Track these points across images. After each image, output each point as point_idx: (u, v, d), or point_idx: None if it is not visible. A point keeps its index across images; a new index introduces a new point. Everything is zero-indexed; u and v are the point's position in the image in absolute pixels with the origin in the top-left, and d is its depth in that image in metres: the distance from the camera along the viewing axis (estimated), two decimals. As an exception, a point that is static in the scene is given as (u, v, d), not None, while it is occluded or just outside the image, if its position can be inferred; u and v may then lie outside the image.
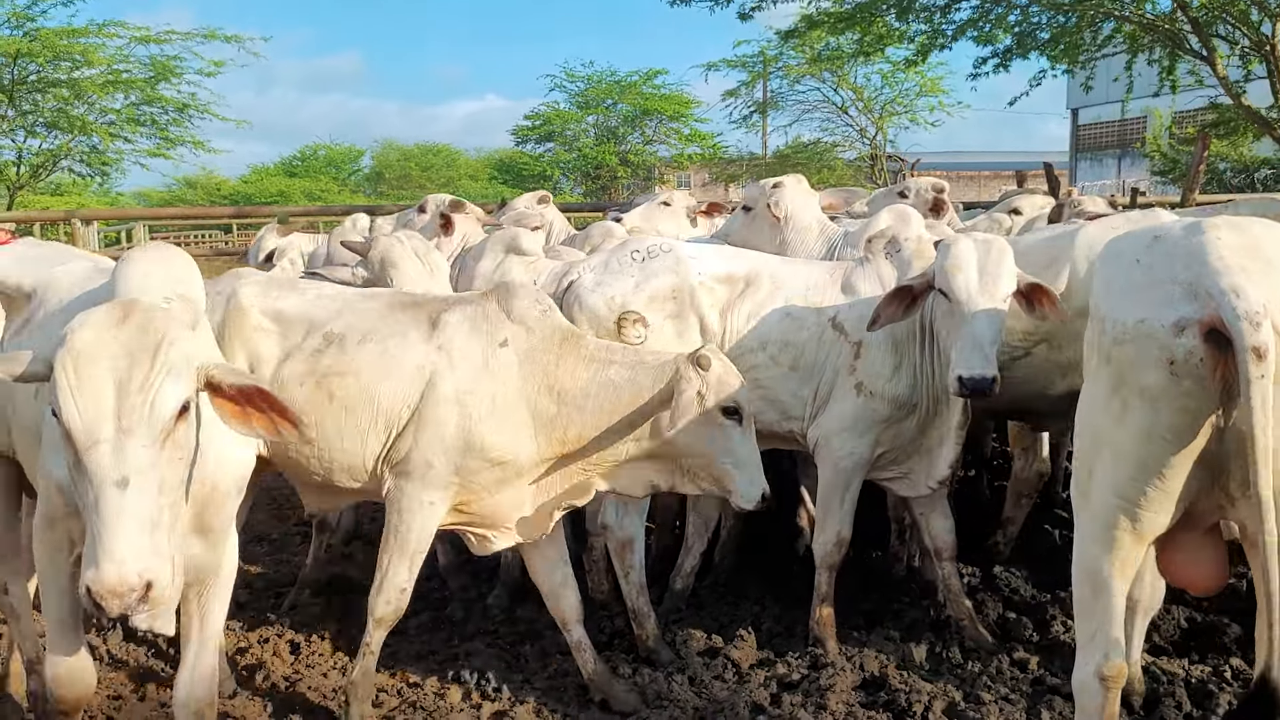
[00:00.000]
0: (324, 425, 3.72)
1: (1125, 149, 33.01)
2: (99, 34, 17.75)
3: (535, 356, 3.75)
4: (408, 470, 3.71)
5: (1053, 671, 4.13)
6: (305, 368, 3.74)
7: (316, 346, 3.77)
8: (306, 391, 3.71)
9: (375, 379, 3.71)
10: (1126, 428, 2.75)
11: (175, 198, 36.83)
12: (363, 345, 3.75)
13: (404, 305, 3.90)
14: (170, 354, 2.43)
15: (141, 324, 2.44)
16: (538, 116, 38.10)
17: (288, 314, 3.85)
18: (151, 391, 2.38)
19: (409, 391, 3.70)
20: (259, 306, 3.85)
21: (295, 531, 6.16)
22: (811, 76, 30.50)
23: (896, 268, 4.44)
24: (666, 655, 4.33)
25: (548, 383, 3.74)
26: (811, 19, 12.48)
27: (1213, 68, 10.62)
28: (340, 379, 3.72)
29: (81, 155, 19.51)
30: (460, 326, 3.77)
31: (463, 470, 3.71)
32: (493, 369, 3.72)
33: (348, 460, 3.76)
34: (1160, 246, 2.82)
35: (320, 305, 3.89)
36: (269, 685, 4.17)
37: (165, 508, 2.40)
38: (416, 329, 3.78)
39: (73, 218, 11.59)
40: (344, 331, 3.79)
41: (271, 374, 3.74)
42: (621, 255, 4.54)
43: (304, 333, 3.80)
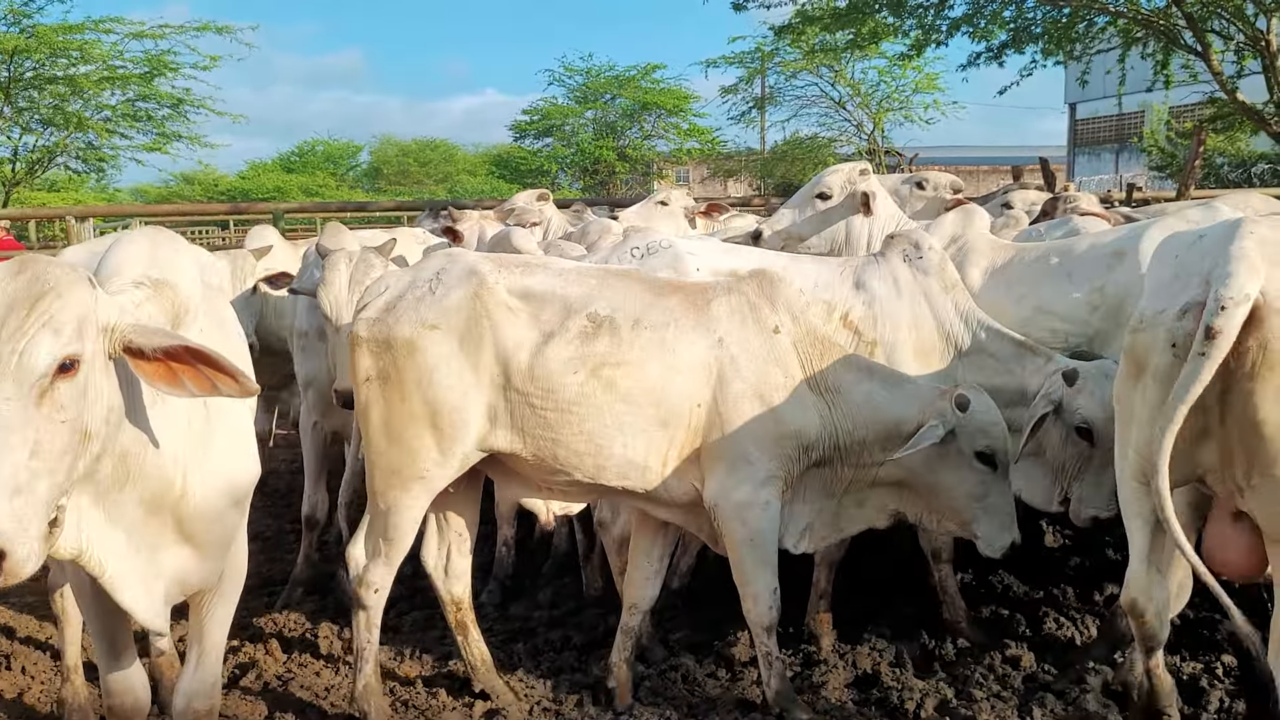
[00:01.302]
0: (602, 418, 3.52)
1: (1123, 144, 32.98)
2: (95, 29, 17.74)
3: (803, 345, 3.70)
4: (734, 478, 3.59)
5: (1045, 669, 4.13)
6: (574, 353, 3.52)
7: (583, 329, 3.54)
8: (580, 380, 3.50)
9: (660, 372, 3.54)
10: (1145, 404, 2.93)
11: (172, 194, 36.71)
12: (637, 332, 3.55)
13: (665, 289, 3.72)
14: (53, 306, 2.22)
15: (33, 277, 2.26)
16: (536, 111, 38.02)
17: (536, 291, 3.59)
18: (22, 340, 2.16)
19: (696, 388, 3.57)
20: (506, 285, 3.59)
21: (289, 529, 6.16)
22: (808, 72, 30.45)
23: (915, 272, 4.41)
24: (659, 652, 4.33)
25: (816, 375, 3.67)
26: (806, 15, 12.47)
27: (1207, 63, 10.62)
28: (619, 369, 3.51)
29: (78, 152, 19.48)
30: (733, 317, 3.65)
31: (783, 460, 3.62)
32: (775, 356, 3.64)
33: (628, 457, 3.57)
34: (1200, 244, 2.95)
35: (571, 282, 3.64)
36: (261, 684, 4.17)
37: (38, 474, 2.15)
38: (687, 318, 3.63)
39: (68, 215, 11.53)
40: (611, 314, 3.56)
41: (531, 358, 3.52)
42: (621, 251, 4.53)
43: (562, 313, 3.56)
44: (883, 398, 3.67)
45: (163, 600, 2.78)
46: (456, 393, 3.54)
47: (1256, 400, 2.69)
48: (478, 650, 4.04)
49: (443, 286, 3.58)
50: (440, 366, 3.53)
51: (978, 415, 3.60)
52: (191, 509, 2.74)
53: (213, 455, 2.77)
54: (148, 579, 2.69)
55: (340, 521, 5.27)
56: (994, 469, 3.64)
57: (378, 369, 3.57)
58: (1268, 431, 2.69)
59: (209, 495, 2.77)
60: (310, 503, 5.32)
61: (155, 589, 2.73)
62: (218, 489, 2.80)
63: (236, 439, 2.90)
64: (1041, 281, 4.55)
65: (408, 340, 3.53)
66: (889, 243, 4.55)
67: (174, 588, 2.84)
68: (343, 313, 4.39)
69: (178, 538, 2.77)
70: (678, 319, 3.61)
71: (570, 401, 3.52)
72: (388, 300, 3.62)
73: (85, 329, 2.28)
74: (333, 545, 5.94)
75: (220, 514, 2.84)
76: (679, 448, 3.62)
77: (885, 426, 3.66)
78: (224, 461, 2.82)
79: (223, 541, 2.90)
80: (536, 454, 3.61)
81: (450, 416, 3.55)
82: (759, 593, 3.70)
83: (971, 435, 3.59)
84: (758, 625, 3.74)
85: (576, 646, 4.49)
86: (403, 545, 3.75)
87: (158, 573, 2.73)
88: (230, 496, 2.86)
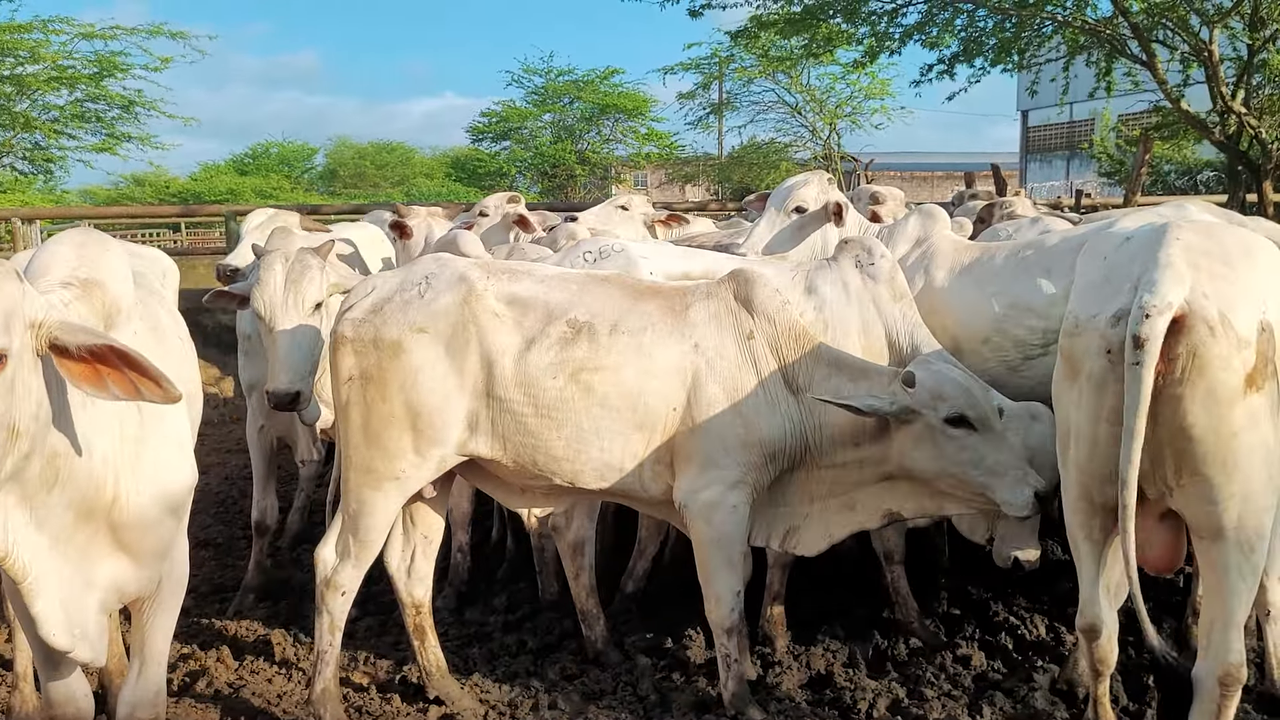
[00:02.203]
0: (579, 423, 3.56)
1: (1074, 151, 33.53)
2: (43, 29, 17.41)
3: (777, 349, 3.70)
4: (703, 480, 3.61)
5: (994, 668, 4.19)
6: (554, 358, 3.56)
7: (563, 335, 3.57)
8: (559, 385, 3.54)
9: (636, 376, 3.57)
10: (1082, 411, 2.99)
11: (122, 195, 36.05)
12: (615, 337, 3.59)
13: (644, 294, 3.75)
14: None
15: None
16: (494, 114, 37.85)
17: (522, 298, 3.63)
18: None
19: (672, 392, 3.59)
20: (494, 291, 3.63)
21: (240, 535, 6.09)
22: (765, 78, 30.65)
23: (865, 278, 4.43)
24: (615, 656, 4.34)
25: (787, 376, 3.68)
26: (761, 20, 12.55)
27: (1153, 72, 10.82)
28: (597, 374, 3.55)
29: (24, 152, 19.07)
30: (709, 322, 3.68)
31: (750, 468, 3.63)
32: (749, 362, 3.65)
33: (605, 460, 3.61)
34: (1127, 247, 3.00)
35: (555, 288, 3.68)
36: (212, 692, 4.12)
37: None
38: (665, 322, 3.66)
39: (14, 217, 11.28)
40: (590, 319, 3.60)
41: (513, 364, 3.55)
42: (574, 256, 4.53)
43: (543, 319, 3.60)
44: (848, 391, 3.67)
45: (96, 611, 2.72)
46: (439, 396, 3.56)
47: (1186, 405, 2.75)
48: (434, 655, 4.03)
49: (431, 291, 3.60)
50: (425, 369, 3.55)
51: (927, 385, 3.57)
52: (125, 516, 2.69)
53: (147, 461, 2.72)
54: (74, 592, 2.63)
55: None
56: (974, 429, 3.58)
57: (361, 369, 3.58)
58: (1197, 434, 2.77)
59: (143, 502, 2.72)
60: (259, 508, 5.26)
61: (85, 602, 2.67)
62: (152, 495, 2.75)
63: (172, 444, 2.85)
64: (1016, 278, 4.51)
65: (394, 342, 3.55)
66: (842, 247, 4.58)
67: (110, 596, 2.79)
68: (276, 314, 4.32)
69: (112, 546, 2.72)
70: (655, 323, 3.65)
71: (549, 406, 3.56)
72: (374, 301, 3.63)
73: (12, 324, 2.24)
74: (285, 551, 5.91)
75: (156, 521, 2.79)
76: (655, 450, 3.65)
77: (851, 419, 3.64)
78: (159, 467, 2.77)
79: (159, 549, 2.85)
80: (516, 459, 3.64)
81: (431, 419, 3.57)
82: (721, 594, 3.72)
83: (931, 405, 3.56)
84: (719, 626, 3.76)
85: (532, 651, 4.49)
86: (373, 547, 3.75)
87: (88, 582, 2.68)
88: (166, 503, 2.81)
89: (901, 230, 5.05)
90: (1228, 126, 10.74)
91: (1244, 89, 10.79)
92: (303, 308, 4.33)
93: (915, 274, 4.72)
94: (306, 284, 4.37)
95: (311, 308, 4.36)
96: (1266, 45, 10.33)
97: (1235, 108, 10.40)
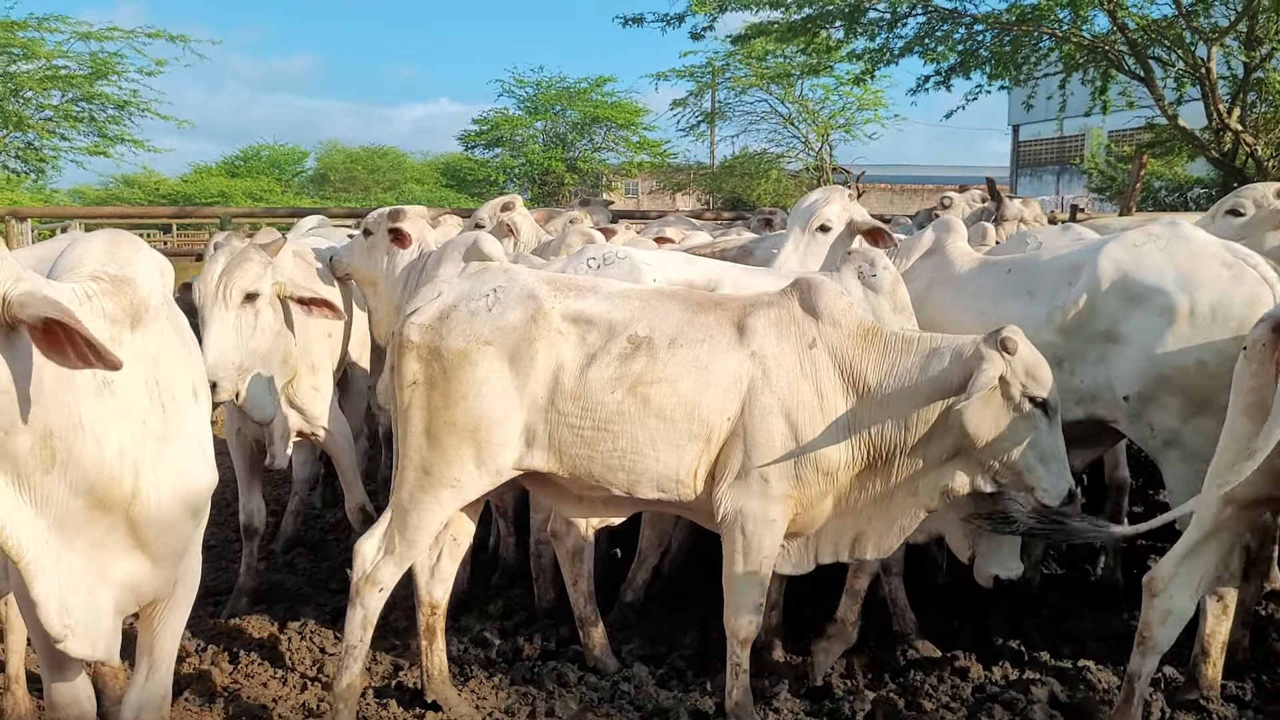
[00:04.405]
0: (635, 434, 3.58)
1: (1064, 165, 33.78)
2: (39, 28, 17.33)
3: (843, 354, 3.65)
4: (746, 489, 3.59)
5: (993, 680, 4.19)
6: (614, 373, 3.58)
7: (623, 350, 3.60)
8: (618, 398, 3.56)
9: (692, 387, 3.56)
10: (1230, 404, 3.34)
11: (112, 196, 35.99)
12: (673, 350, 3.60)
13: (705, 307, 3.73)
14: None
15: None
16: (486, 121, 37.95)
17: (587, 315, 3.65)
18: None
19: (727, 402, 3.57)
20: (560, 309, 3.64)
21: (234, 538, 6.03)
22: (758, 88, 30.78)
23: (867, 290, 4.42)
24: (612, 664, 4.33)
25: (854, 379, 3.63)
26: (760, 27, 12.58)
27: (1150, 89, 10.91)
28: (654, 386, 3.57)
29: (16, 151, 18.97)
30: (769, 331, 3.64)
31: (798, 482, 3.60)
32: (808, 372, 3.61)
33: (661, 471, 3.62)
34: None
35: (618, 305, 3.69)
36: (208, 695, 4.09)
37: None
38: (723, 333, 3.64)
39: (8, 215, 11.25)
40: (649, 334, 3.61)
41: (575, 379, 3.57)
42: (577, 263, 4.52)
43: (606, 335, 3.62)
44: (914, 365, 3.60)
45: (111, 609, 2.71)
46: (500, 409, 3.57)
47: None
48: (439, 659, 4.00)
49: (500, 305, 3.61)
50: (489, 382, 3.56)
51: (1025, 357, 3.51)
52: (145, 513, 2.67)
53: (169, 459, 2.71)
54: (85, 585, 2.61)
55: None
56: (1045, 412, 3.54)
57: (425, 375, 3.60)
58: None
59: (163, 500, 2.71)
60: (246, 511, 5.24)
61: (99, 598, 2.66)
62: (173, 494, 2.73)
63: (194, 444, 2.84)
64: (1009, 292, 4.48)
65: (460, 352, 3.56)
66: (845, 258, 4.58)
67: (127, 595, 2.78)
68: (206, 304, 4.36)
69: (130, 543, 2.70)
70: (713, 335, 3.63)
71: (607, 419, 3.57)
72: (440, 309, 3.64)
73: None
74: (279, 555, 5.88)
75: (176, 520, 2.77)
76: (709, 460, 3.64)
77: (918, 392, 3.57)
78: (181, 466, 2.75)
79: (177, 550, 2.84)
80: (573, 471, 3.65)
81: (491, 432, 3.58)
82: (744, 604, 3.71)
83: (1020, 377, 3.50)
84: (735, 636, 3.74)
85: (529, 658, 4.46)
86: (418, 548, 3.74)
87: (103, 576, 2.66)
88: (186, 503, 2.80)
89: (918, 240, 5.05)
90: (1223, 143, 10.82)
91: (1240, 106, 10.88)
92: (230, 299, 4.34)
93: (922, 285, 4.73)
94: (239, 275, 4.38)
95: (239, 299, 4.37)
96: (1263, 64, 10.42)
97: (1231, 125, 10.49)
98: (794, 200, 27.70)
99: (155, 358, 2.68)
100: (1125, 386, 4.08)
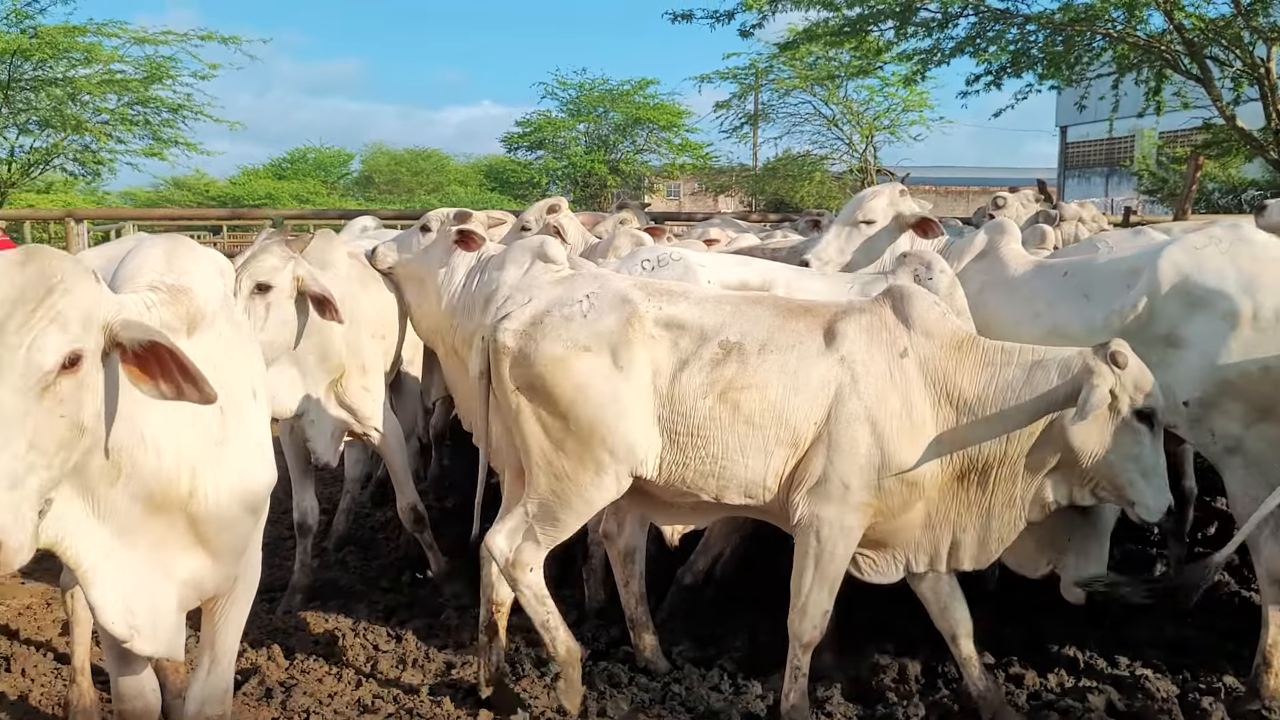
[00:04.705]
0: (725, 440, 3.59)
1: (1113, 167, 33.28)
2: (99, 33, 17.69)
3: (935, 364, 3.60)
4: (825, 494, 3.57)
5: (1048, 687, 4.14)
6: (706, 379, 3.59)
7: (714, 356, 3.60)
8: (709, 404, 3.57)
9: (781, 393, 3.56)
10: None
11: (162, 198, 36.60)
12: (763, 356, 3.59)
13: (795, 312, 3.73)
14: (61, 301, 2.21)
15: (40, 269, 2.24)
16: (529, 124, 38.09)
17: (680, 320, 3.67)
18: (29, 336, 2.16)
19: (814, 407, 3.56)
20: (653, 315, 3.66)
21: (286, 536, 6.11)
22: (802, 90, 30.64)
23: None
24: (663, 665, 4.33)
25: (948, 391, 3.58)
26: (810, 32, 12.51)
27: (1207, 89, 10.72)
28: (744, 392, 3.56)
29: (74, 154, 19.37)
30: (859, 338, 3.61)
31: (878, 491, 3.57)
32: (897, 381, 3.57)
33: (748, 477, 3.62)
34: None
35: (709, 310, 3.70)
36: (265, 690, 4.14)
37: (34, 467, 2.16)
38: (813, 339, 3.63)
39: (68, 217, 11.51)
40: (740, 340, 3.62)
41: (669, 384, 3.60)
42: (632, 264, 4.52)
43: (697, 340, 3.63)
44: (1017, 378, 3.55)
45: (174, 606, 2.75)
46: (609, 412, 3.59)
47: None
48: (497, 655, 4.04)
49: (595, 311, 3.64)
50: (591, 386, 3.58)
51: (1134, 369, 3.47)
52: (203, 510, 2.71)
53: (227, 459, 2.74)
54: (148, 584, 2.65)
55: None
56: (1149, 425, 3.49)
57: (525, 380, 3.64)
58: None
59: (222, 499, 2.74)
60: (300, 510, 5.30)
61: (162, 596, 2.70)
62: (231, 492, 2.76)
63: (252, 445, 2.87)
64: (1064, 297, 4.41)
65: (558, 357, 3.60)
66: (901, 261, 4.55)
67: (189, 592, 2.82)
68: None
69: (190, 540, 2.74)
70: (803, 340, 3.62)
71: (699, 425, 3.58)
72: (533, 314, 3.68)
73: (90, 324, 2.28)
74: (330, 552, 5.94)
75: (235, 518, 2.80)
76: (793, 466, 3.62)
77: (1023, 406, 3.53)
78: (240, 466, 2.78)
79: (237, 546, 2.87)
80: (667, 477, 3.67)
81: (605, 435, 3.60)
82: (810, 610, 3.70)
83: (1129, 390, 3.46)
84: (798, 639, 3.73)
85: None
86: (561, 535, 3.79)
87: (166, 574, 2.70)
88: (245, 501, 2.83)
89: (969, 242, 5.00)
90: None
91: (1301, 107, 10.67)
92: (240, 289, 4.36)
93: (974, 288, 4.68)
94: (251, 266, 4.44)
95: (249, 289, 4.40)
96: (1325, 64, 10.21)
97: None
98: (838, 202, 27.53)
99: (212, 362, 2.70)
100: (1186, 391, 4.01)
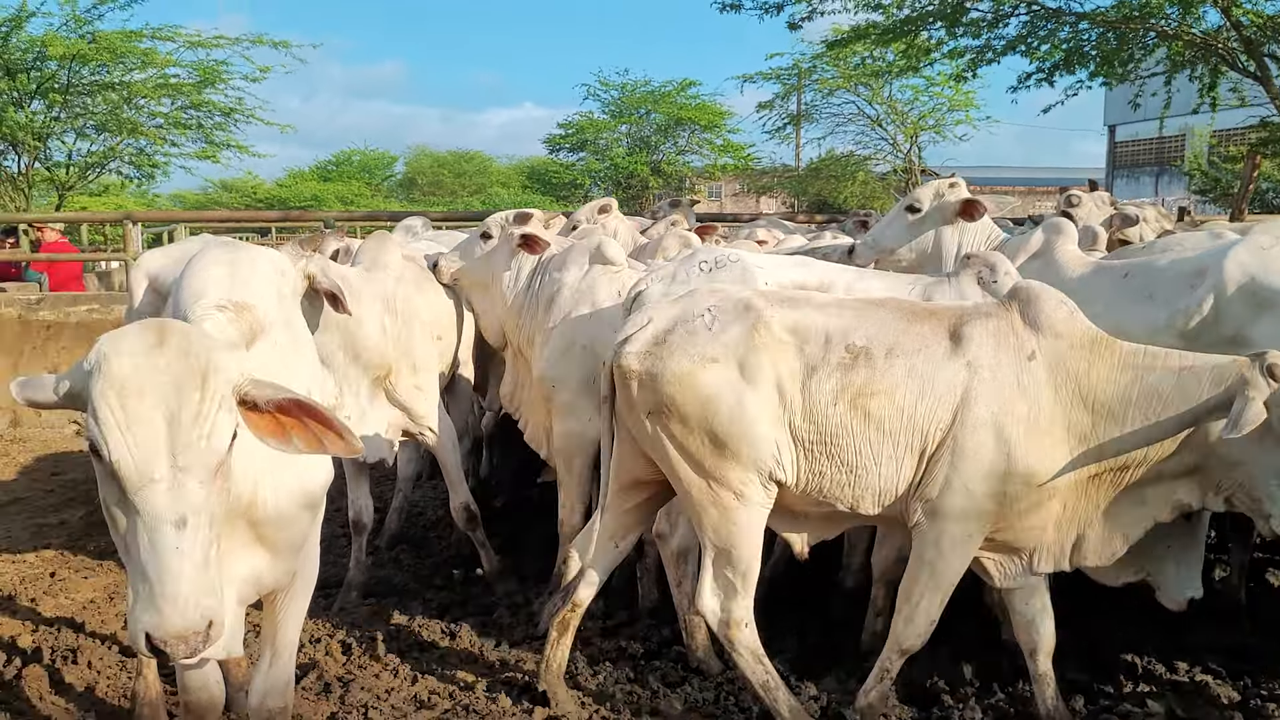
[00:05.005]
0: (859, 448, 3.52)
1: (1163, 167, 32.75)
2: (155, 37, 18.04)
3: (1065, 366, 3.50)
4: (948, 502, 3.49)
5: (1106, 692, 4.10)
6: (835, 385, 3.52)
7: (842, 361, 3.53)
8: (840, 411, 3.50)
9: (910, 398, 3.48)
10: None
11: (210, 200, 37.21)
12: (891, 360, 3.52)
13: (919, 315, 3.65)
14: (217, 382, 2.27)
15: (181, 349, 2.27)
16: (571, 125, 38.19)
17: (804, 325, 3.59)
18: (206, 425, 2.22)
19: (941, 413, 3.48)
20: (778, 320, 3.59)
21: (340, 534, 6.19)
22: (845, 89, 30.44)
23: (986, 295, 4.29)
24: (716, 666, 4.34)
25: (1080, 393, 3.48)
26: (858, 31, 12.45)
27: (1265, 86, 10.52)
28: (874, 398, 3.49)
29: (130, 157, 19.76)
30: (985, 341, 3.52)
31: (1002, 498, 3.49)
32: (1024, 385, 3.47)
33: (881, 486, 3.55)
34: None
35: (832, 315, 3.63)
36: (323, 685, 4.21)
37: (213, 541, 2.26)
38: (939, 343, 3.55)
39: (126, 219, 11.80)
40: (867, 344, 3.54)
41: (799, 392, 3.52)
42: (689, 266, 4.50)
43: (823, 346, 3.55)
44: (1166, 384, 3.44)
45: (233, 603, 2.80)
46: (740, 425, 3.52)
47: None
48: (562, 654, 4.06)
49: (719, 322, 3.58)
50: (722, 398, 3.52)
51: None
52: (263, 514, 2.78)
53: (284, 461, 2.75)
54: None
55: None
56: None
57: (654, 402, 3.58)
58: None
59: (280, 501, 2.80)
60: (355, 508, 5.36)
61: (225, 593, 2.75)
62: (290, 493, 2.83)
63: None
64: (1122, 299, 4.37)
65: (685, 373, 3.54)
66: (963, 262, 4.50)
67: (248, 589, 2.88)
68: None
69: (250, 540, 2.81)
70: (929, 344, 3.55)
71: (832, 433, 3.52)
72: (655, 333, 3.62)
73: (233, 395, 2.34)
74: (383, 551, 6.01)
75: (293, 517, 2.87)
76: (920, 472, 3.55)
77: (1170, 412, 3.44)
78: (297, 468, 2.83)
79: (295, 543, 2.93)
80: (803, 487, 3.60)
81: (737, 448, 3.53)
82: (916, 617, 3.64)
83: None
84: (898, 644, 3.68)
85: (632, 657, 4.50)
86: (752, 572, 3.68)
87: (226, 574, 2.74)
88: (303, 501, 2.88)
89: (1024, 241, 4.96)
90: (1345, 143, 10.41)
91: (1362, 104, 10.45)
92: None
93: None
94: None
95: None
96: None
97: (1353, 123, 10.08)
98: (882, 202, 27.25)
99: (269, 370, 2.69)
100: None
